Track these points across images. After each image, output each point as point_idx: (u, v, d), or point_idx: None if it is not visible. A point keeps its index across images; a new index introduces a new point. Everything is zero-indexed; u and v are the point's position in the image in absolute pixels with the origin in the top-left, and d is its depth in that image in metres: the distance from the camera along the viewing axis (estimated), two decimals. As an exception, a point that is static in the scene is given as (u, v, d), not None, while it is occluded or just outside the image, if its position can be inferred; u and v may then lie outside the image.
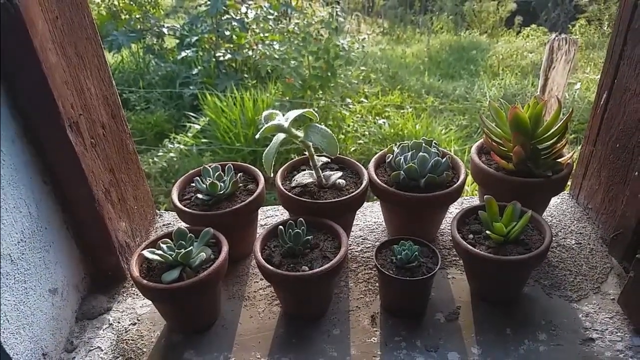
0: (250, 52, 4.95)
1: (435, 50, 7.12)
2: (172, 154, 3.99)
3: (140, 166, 1.25)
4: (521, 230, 0.99)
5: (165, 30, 5.59)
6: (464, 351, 0.95)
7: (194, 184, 1.13)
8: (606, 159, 1.16)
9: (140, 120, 4.49)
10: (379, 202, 1.32)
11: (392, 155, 1.15)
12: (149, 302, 1.08)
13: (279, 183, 1.13)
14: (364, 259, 1.19)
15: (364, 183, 1.12)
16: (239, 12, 5.02)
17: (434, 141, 1.15)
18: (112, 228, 1.08)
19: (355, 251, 1.22)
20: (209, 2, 4.82)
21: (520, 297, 1.06)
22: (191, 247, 0.97)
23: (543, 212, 1.21)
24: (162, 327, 1.04)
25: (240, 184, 1.15)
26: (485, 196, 1.04)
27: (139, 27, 5.61)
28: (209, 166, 1.15)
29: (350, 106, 4.64)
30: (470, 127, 4.61)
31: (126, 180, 1.17)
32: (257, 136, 1.05)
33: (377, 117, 4.64)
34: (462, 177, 1.12)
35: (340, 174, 1.15)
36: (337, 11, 4.85)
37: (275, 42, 4.81)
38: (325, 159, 1.18)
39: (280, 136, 1.06)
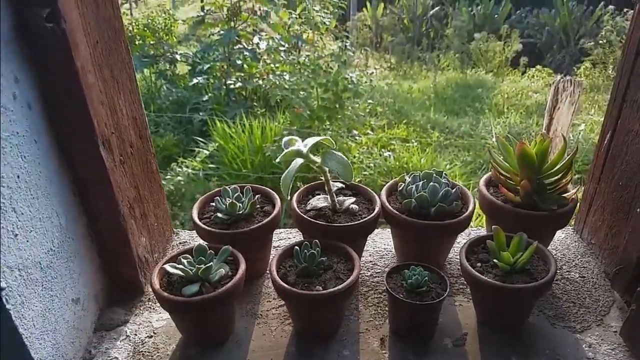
0: (260, 82, 5.07)
1: (442, 87, 7.26)
2: (179, 178, 4.04)
3: (162, 185, 1.31)
4: (527, 260, 1.03)
5: (178, 56, 5.74)
6: (470, 376, 0.98)
7: (213, 204, 1.18)
8: (609, 196, 1.21)
9: (149, 143, 4.56)
10: (388, 229, 1.37)
11: (403, 184, 1.20)
12: (165, 315, 1.12)
13: (295, 206, 1.18)
14: (373, 283, 1.23)
15: (377, 209, 1.16)
16: (251, 43, 5.16)
17: (444, 172, 1.20)
18: (134, 242, 1.12)
19: (366, 276, 1.25)
20: (222, 32, 4.97)
21: (525, 326, 1.09)
22: (211, 264, 1.01)
23: (548, 244, 1.25)
24: (178, 340, 1.07)
25: (258, 205, 1.20)
26: (493, 226, 1.08)
27: (152, 52, 5.76)
28: (229, 187, 1.20)
29: (357, 138, 4.72)
30: (475, 163, 4.67)
31: (149, 198, 1.22)
32: (277, 160, 1.11)
33: (383, 150, 4.72)
34: (470, 207, 1.17)
35: (353, 199, 1.20)
36: (346, 45, 4.98)
37: (285, 73, 4.92)
38: (339, 185, 1.23)
39: (299, 161, 1.12)
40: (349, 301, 1.15)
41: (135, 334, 1.08)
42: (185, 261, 1.02)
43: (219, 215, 1.15)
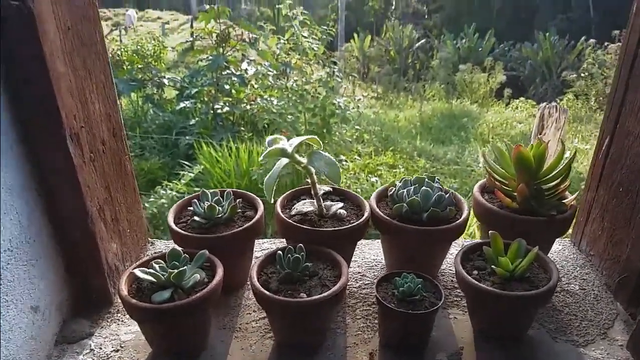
0: (248, 106, 5.03)
1: (427, 116, 7.31)
2: (163, 200, 3.94)
3: (137, 189, 1.23)
4: (527, 267, 0.96)
5: (165, 81, 5.70)
6: (467, 393, 0.90)
7: (191, 207, 1.10)
8: (609, 203, 1.15)
9: (134, 166, 4.47)
10: (378, 240, 1.29)
11: (394, 189, 1.14)
12: (135, 328, 1.02)
13: (279, 210, 1.11)
14: (362, 295, 1.14)
15: (366, 214, 1.09)
16: (239, 68, 5.14)
17: (436, 177, 1.14)
18: (103, 248, 1.03)
19: (354, 287, 1.17)
20: (210, 58, 4.95)
21: (525, 340, 1.02)
22: (185, 268, 0.92)
23: (547, 253, 1.19)
24: (146, 355, 0.97)
25: (239, 210, 1.12)
26: (490, 232, 1.01)
27: (140, 76, 5.72)
28: (208, 191, 1.12)
29: (344, 163, 4.68)
30: (462, 189, 4.65)
31: (121, 201, 1.13)
32: (260, 158, 1.04)
33: (370, 175, 4.68)
34: (465, 213, 1.10)
35: (341, 204, 1.13)
36: (334, 71, 4.99)
37: (273, 98, 4.90)
38: (327, 189, 1.16)
39: (283, 161, 1.05)
40: (335, 311, 1.06)
41: (100, 348, 0.98)
42: (157, 266, 0.93)
43: (197, 219, 1.07)
